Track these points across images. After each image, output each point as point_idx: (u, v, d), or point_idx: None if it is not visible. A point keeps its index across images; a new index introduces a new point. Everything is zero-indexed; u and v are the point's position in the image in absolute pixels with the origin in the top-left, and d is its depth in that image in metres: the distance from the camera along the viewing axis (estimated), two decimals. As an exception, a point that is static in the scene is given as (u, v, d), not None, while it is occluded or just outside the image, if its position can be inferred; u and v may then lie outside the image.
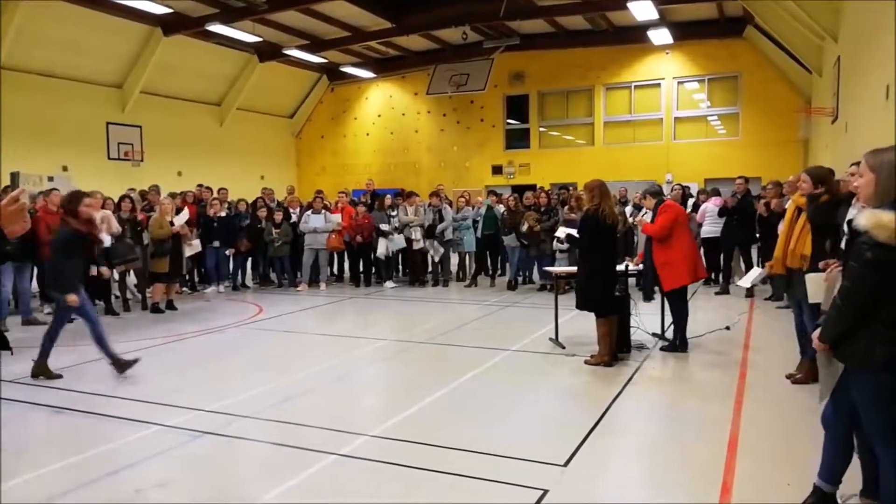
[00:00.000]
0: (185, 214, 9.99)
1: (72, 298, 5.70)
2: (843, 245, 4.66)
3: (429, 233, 11.61)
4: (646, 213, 7.79)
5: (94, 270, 8.85)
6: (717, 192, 11.22)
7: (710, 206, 10.68)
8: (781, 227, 5.57)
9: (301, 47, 18.37)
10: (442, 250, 11.81)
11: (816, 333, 2.94)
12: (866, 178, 2.77)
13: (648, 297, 7.97)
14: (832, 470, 3.09)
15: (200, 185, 12.50)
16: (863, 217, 2.64)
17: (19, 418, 4.78)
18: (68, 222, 5.91)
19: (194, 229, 10.37)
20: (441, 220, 11.70)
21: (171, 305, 9.59)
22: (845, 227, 4.65)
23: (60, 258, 5.86)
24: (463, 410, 4.97)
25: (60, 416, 4.94)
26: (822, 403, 3.11)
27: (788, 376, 5.46)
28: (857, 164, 4.27)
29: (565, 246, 10.13)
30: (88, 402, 5.21)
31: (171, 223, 9.43)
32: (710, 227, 10.54)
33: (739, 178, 10.38)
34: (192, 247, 10.21)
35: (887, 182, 2.69)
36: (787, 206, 6.54)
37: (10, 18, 13.42)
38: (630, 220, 10.26)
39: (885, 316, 2.64)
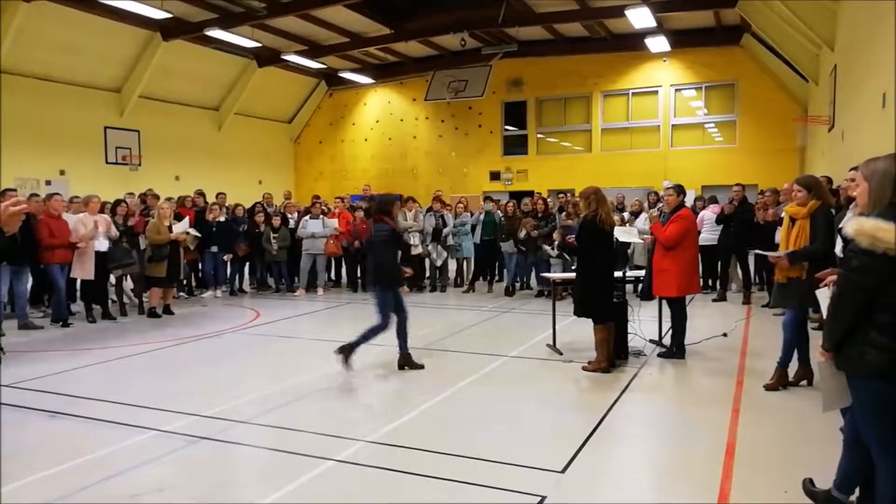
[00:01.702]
0: (186, 223, 9.96)
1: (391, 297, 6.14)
2: (839, 252, 4.70)
3: (434, 237, 11.63)
4: (660, 209, 7.72)
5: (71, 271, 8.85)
6: (714, 200, 11.23)
7: (709, 213, 10.69)
8: (780, 235, 5.60)
9: (300, 53, 18.40)
10: (445, 254, 11.82)
11: (821, 343, 2.96)
12: (862, 188, 2.87)
13: (646, 297, 7.96)
14: (844, 478, 3.11)
15: (200, 192, 12.47)
16: (849, 225, 2.70)
17: (15, 422, 4.76)
18: (386, 222, 6.24)
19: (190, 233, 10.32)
20: (444, 224, 11.72)
21: (167, 310, 9.57)
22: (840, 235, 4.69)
23: (380, 256, 6.23)
24: (460, 416, 4.96)
25: (56, 420, 4.91)
26: (827, 413, 3.12)
27: (767, 386, 5.45)
28: (856, 168, 4.31)
29: (555, 252, 10.20)
30: (84, 406, 5.19)
31: (170, 228, 9.42)
32: (708, 234, 10.55)
33: (736, 185, 10.41)
34: (191, 236, 10.07)
35: (879, 190, 2.77)
36: (781, 216, 6.58)
37: (8, 21, 13.41)
38: (626, 225, 10.28)
39: (879, 322, 2.66)
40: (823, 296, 3.58)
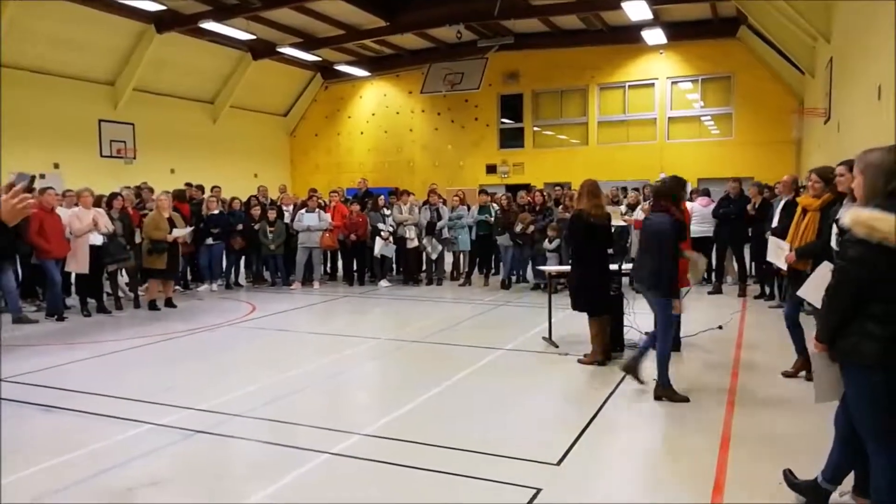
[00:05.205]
0: (190, 230, 9.98)
1: (678, 305, 5.00)
2: (835, 244, 4.69)
3: (429, 230, 11.61)
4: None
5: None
6: (706, 192, 11.21)
7: (697, 206, 10.63)
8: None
9: (295, 45, 18.31)
10: (440, 248, 11.80)
11: (815, 335, 2.97)
12: (858, 180, 2.89)
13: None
14: (834, 469, 3.12)
15: (189, 184, 12.40)
16: (846, 216, 2.72)
17: (10, 416, 4.73)
18: (667, 210, 4.96)
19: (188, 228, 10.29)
20: (439, 218, 11.70)
21: (169, 303, 9.53)
22: (835, 227, 4.69)
23: (654, 254, 4.96)
24: (456, 409, 4.96)
25: (51, 414, 4.90)
26: (822, 404, 3.13)
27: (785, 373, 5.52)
28: (844, 163, 4.33)
29: (553, 245, 10.25)
30: (79, 400, 5.18)
31: (170, 220, 9.39)
32: (698, 226, 10.47)
33: (733, 181, 10.40)
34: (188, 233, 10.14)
35: (873, 182, 2.79)
36: (777, 209, 6.62)
37: (1, 14, 13.30)
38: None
39: (874, 312, 2.68)
40: (808, 287, 3.58)
